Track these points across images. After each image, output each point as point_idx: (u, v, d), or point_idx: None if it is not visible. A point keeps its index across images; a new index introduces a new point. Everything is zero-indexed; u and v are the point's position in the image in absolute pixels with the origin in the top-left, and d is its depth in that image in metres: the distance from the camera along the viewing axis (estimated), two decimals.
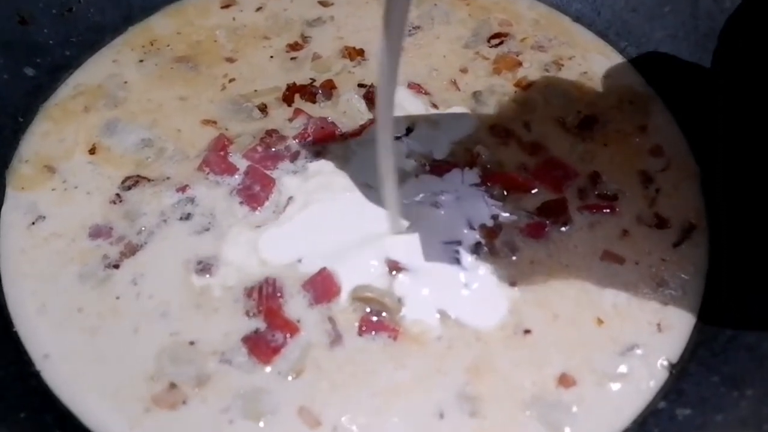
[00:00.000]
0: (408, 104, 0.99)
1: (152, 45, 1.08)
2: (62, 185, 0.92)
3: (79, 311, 0.83)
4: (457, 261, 0.85)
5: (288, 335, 0.80)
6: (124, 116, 0.99)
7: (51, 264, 0.86)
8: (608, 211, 0.91)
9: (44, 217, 0.90)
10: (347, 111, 0.99)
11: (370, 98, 1.00)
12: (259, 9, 1.13)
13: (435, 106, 1.01)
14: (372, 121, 0.97)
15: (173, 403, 0.76)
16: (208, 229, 0.88)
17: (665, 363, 0.81)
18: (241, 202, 0.90)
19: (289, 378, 0.78)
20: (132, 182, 0.92)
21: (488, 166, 0.94)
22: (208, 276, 0.84)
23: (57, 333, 0.81)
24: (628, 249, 0.88)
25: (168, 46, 1.08)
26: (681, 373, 0.80)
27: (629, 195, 0.93)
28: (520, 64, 1.07)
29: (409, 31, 1.10)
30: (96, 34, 1.08)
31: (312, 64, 1.05)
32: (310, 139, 0.96)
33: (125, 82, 1.03)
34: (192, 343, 0.80)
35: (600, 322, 0.83)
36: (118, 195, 0.91)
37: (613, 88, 1.04)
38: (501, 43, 1.09)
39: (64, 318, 0.82)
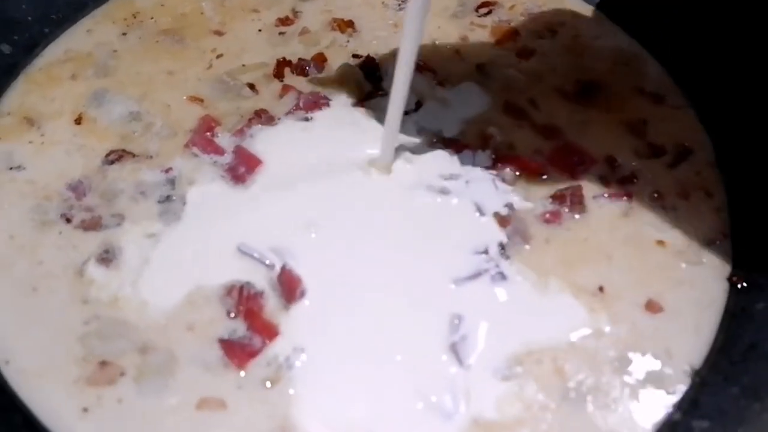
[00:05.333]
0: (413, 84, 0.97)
1: (135, 18, 1.04)
2: (40, 138, 0.91)
3: (11, 238, 0.82)
4: (500, 276, 0.81)
5: (267, 340, 0.76)
6: (113, 86, 0.96)
7: (10, 196, 0.86)
8: (626, 198, 0.88)
9: (23, 167, 0.88)
10: (344, 84, 0.96)
11: (366, 72, 0.97)
12: None
13: (441, 84, 0.98)
14: (374, 94, 0.95)
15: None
16: (179, 219, 0.84)
17: (687, 368, 0.77)
18: (223, 177, 0.87)
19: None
20: (116, 156, 0.89)
21: (500, 148, 0.91)
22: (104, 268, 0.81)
23: None
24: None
25: (152, 18, 1.04)
26: (697, 383, 0.77)
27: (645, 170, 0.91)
28: (517, 32, 1.04)
29: (399, 5, 1.07)
30: (76, 11, 1.04)
31: (300, 38, 1.03)
32: (301, 111, 0.93)
33: (115, 51, 1.00)
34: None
35: (661, 243, 0.83)
36: (100, 168, 0.88)
37: (606, 51, 1.03)
38: (489, 12, 1.07)
39: None
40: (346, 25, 1.04)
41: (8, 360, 0.75)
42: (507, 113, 0.95)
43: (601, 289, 0.80)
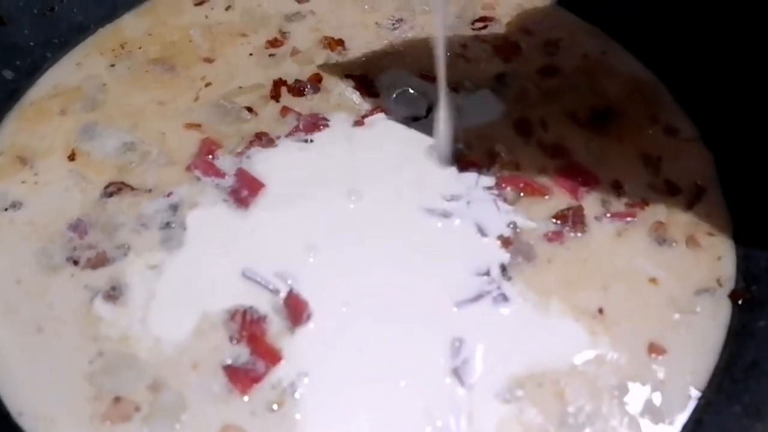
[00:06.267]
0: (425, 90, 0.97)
1: (123, 48, 1.03)
2: (34, 178, 0.90)
3: (18, 283, 0.82)
4: (502, 297, 0.80)
5: (270, 364, 0.75)
6: (102, 119, 0.95)
7: (12, 239, 0.85)
8: (631, 218, 0.87)
9: (19, 208, 0.87)
10: (341, 104, 0.96)
11: (361, 89, 0.97)
12: (228, 8, 1.09)
13: (455, 89, 0.96)
14: (372, 111, 0.95)
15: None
16: (181, 245, 0.83)
17: (686, 400, 0.76)
18: (226, 201, 0.87)
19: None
20: (114, 188, 0.88)
21: (506, 167, 0.90)
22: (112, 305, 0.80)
23: None
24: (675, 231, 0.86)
25: (140, 48, 1.03)
26: (701, 403, 0.76)
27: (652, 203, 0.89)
28: (518, 46, 1.03)
29: (393, 24, 1.07)
30: (78, 35, 1.04)
31: (292, 59, 1.02)
32: (301, 133, 0.93)
33: (104, 84, 0.99)
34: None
35: (654, 281, 0.82)
36: (98, 201, 0.87)
37: (618, 72, 1.01)
38: (485, 27, 1.06)
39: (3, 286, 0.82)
40: (336, 44, 1.03)
41: (21, 412, 0.75)
42: (517, 128, 0.94)
43: (600, 311, 0.80)
